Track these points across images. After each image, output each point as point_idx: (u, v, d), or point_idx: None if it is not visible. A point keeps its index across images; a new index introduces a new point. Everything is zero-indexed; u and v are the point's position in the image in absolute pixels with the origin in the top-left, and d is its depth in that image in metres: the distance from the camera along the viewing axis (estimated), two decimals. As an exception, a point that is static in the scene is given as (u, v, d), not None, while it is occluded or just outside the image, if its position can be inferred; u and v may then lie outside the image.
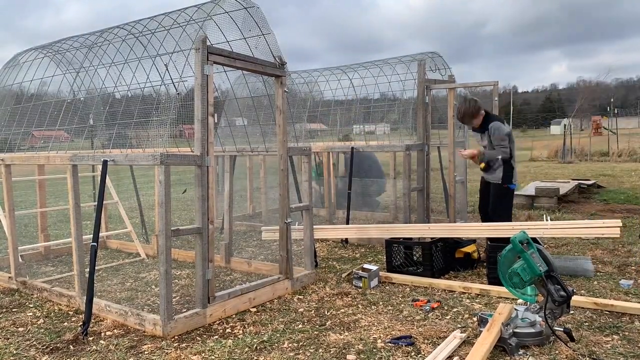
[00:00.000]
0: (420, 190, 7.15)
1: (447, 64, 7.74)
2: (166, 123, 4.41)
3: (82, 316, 4.10)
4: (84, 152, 5.14)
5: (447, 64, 7.74)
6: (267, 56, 4.65)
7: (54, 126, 5.53)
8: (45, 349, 3.68)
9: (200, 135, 3.96)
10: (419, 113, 7.13)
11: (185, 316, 3.98)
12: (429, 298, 4.56)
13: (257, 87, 6.39)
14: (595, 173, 15.88)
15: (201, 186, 3.99)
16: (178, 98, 4.44)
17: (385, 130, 9.59)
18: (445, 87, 7.29)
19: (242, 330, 3.96)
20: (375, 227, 6.68)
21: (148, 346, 3.67)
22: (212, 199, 4.13)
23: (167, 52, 4.62)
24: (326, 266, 5.82)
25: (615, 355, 3.30)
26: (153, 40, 4.80)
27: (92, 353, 3.59)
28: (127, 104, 5.08)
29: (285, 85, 4.75)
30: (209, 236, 4.07)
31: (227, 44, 4.42)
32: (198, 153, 3.97)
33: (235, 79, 6.86)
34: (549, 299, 3.45)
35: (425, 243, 5.43)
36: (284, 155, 4.84)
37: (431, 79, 7.20)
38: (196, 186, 4.02)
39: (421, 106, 7.09)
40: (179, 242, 7.17)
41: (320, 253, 6.39)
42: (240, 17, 4.56)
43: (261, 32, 4.62)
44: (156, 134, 4.54)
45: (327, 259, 6.15)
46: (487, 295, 4.57)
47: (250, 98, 6.31)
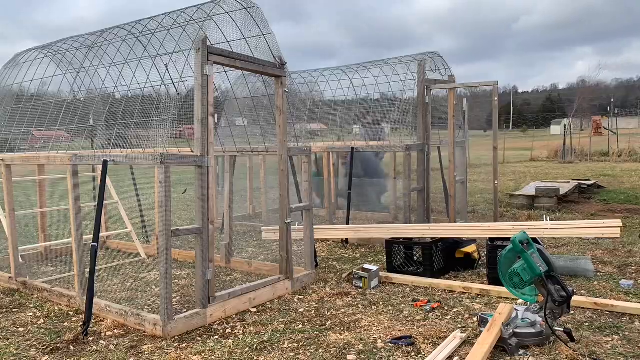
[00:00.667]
0: (421, 190, 7.15)
1: (448, 64, 7.74)
2: (166, 123, 4.41)
3: (83, 316, 4.10)
4: (84, 152, 5.13)
5: (448, 64, 7.74)
6: (267, 56, 4.65)
7: (54, 126, 5.53)
8: (46, 349, 3.68)
9: (200, 136, 3.96)
10: (419, 113, 7.13)
11: (185, 316, 3.98)
12: (429, 298, 4.56)
13: (257, 87, 6.39)
14: (595, 173, 15.88)
15: (201, 186, 3.99)
16: (178, 98, 4.44)
17: (386, 131, 9.59)
18: (445, 87, 7.29)
19: (242, 330, 3.96)
20: (375, 227, 6.68)
21: (148, 346, 3.67)
22: (212, 199, 4.13)
23: (167, 52, 4.62)
24: (326, 266, 5.81)
25: (615, 356, 3.30)
26: (153, 40, 4.80)
27: (92, 353, 3.59)
28: (127, 104, 5.08)
29: (285, 86, 4.75)
30: (209, 236, 4.07)
31: (228, 44, 4.42)
32: (198, 153, 3.97)
33: (236, 79, 6.86)
34: (549, 299, 3.45)
35: (425, 243, 5.43)
36: (284, 156, 4.84)
37: (431, 79, 7.20)
38: (196, 186, 4.02)
39: (421, 106, 7.09)
40: (179, 242, 7.17)
41: (320, 253, 6.39)
42: (240, 17, 4.56)
43: (261, 32, 4.62)
44: (156, 134, 4.54)
45: (327, 259, 6.15)
46: (487, 296, 4.57)
47: (251, 98, 6.31)
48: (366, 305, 4.45)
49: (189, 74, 4.27)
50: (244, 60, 4.39)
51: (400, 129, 9.12)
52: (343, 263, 5.96)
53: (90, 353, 3.59)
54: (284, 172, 4.84)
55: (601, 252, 6.04)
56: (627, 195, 10.82)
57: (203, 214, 4.02)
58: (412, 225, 6.27)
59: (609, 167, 18.17)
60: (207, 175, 4.01)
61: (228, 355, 3.49)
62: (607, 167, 18.50)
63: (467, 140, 7.77)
